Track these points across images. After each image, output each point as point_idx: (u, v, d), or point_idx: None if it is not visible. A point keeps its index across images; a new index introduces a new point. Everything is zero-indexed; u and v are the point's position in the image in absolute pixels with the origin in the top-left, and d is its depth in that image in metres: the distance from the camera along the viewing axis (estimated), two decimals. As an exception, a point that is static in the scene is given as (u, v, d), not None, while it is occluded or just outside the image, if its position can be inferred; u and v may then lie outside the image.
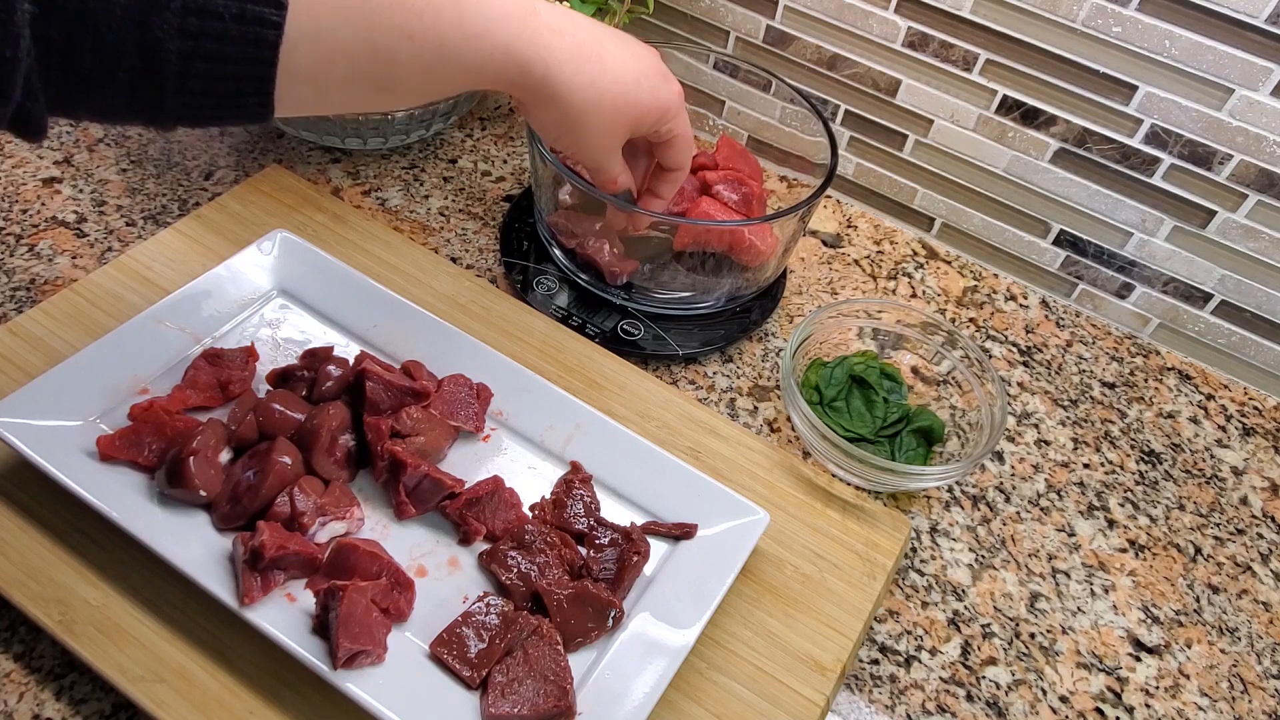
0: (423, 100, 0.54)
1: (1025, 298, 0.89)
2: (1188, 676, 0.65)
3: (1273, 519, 0.75)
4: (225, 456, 0.59)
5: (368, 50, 0.47)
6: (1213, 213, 0.79)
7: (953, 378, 0.74)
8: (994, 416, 0.69)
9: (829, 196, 0.95)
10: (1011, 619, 0.66)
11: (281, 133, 0.89)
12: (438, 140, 0.92)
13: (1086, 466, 0.76)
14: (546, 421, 0.66)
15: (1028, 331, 0.86)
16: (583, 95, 0.56)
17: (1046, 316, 0.88)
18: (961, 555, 0.69)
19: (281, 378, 0.64)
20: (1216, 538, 0.73)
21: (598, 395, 0.70)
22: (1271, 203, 0.76)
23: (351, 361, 0.64)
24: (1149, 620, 0.68)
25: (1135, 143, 0.78)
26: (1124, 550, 0.71)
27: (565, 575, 0.58)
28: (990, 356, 0.83)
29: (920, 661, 0.63)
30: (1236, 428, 0.81)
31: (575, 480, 0.63)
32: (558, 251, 0.78)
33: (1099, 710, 0.63)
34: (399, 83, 0.51)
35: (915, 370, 0.76)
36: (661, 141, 0.64)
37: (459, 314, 0.74)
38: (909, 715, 0.61)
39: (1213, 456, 0.79)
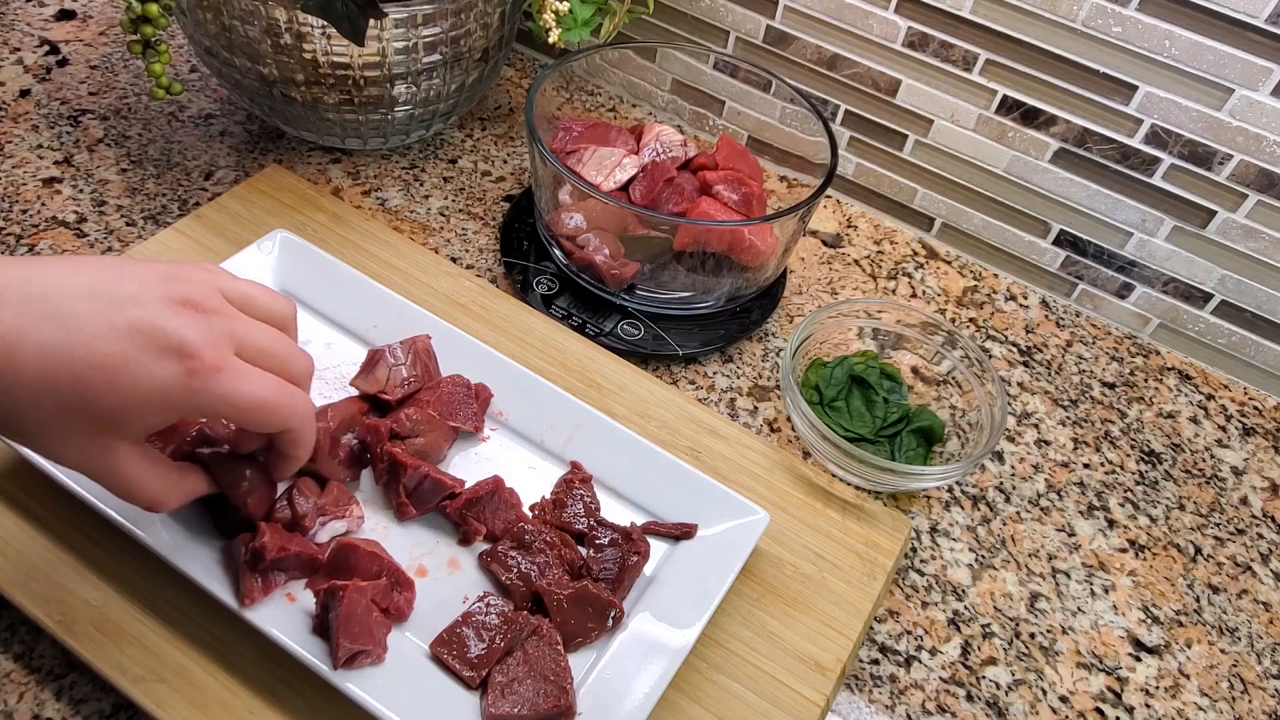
0: None
1: (1025, 298, 0.89)
2: (1188, 676, 0.65)
3: (1273, 519, 0.75)
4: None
5: None
6: (1213, 213, 0.79)
7: (953, 378, 0.74)
8: (994, 416, 0.69)
9: (829, 196, 0.95)
10: (1011, 619, 0.66)
11: (282, 133, 0.89)
12: (438, 140, 0.92)
13: (1086, 466, 0.76)
14: (546, 421, 0.66)
15: (1028, 331, 0.86)
16: None
17: (1046, 316, 0.88)
18: (961, 555, 0.69)
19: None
20: (1216, 538, 0.73)
21: (598, 395, 0.70)
22: (1271, 203, 0.76)
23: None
24: (1149, 620, 0.68)
25: (1135, 143, 0.78)
26: (1124, 550, 0.71)
27: (565, 575, 0.58)
28: (990, 356, 0.83)
29: (920, 661, 0.63)
30: (1236, 428, 0.81)
31: (575, 480, 0.63)
32: (558, 251, 0.78)
33: (1099, 710, 0.63)
34: None
35: (915, 370, 0.76)
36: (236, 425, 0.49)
37: (459, 314, 0.74)
38: (909, 715, 0.61)
39: (1213, 456, 0.79)
